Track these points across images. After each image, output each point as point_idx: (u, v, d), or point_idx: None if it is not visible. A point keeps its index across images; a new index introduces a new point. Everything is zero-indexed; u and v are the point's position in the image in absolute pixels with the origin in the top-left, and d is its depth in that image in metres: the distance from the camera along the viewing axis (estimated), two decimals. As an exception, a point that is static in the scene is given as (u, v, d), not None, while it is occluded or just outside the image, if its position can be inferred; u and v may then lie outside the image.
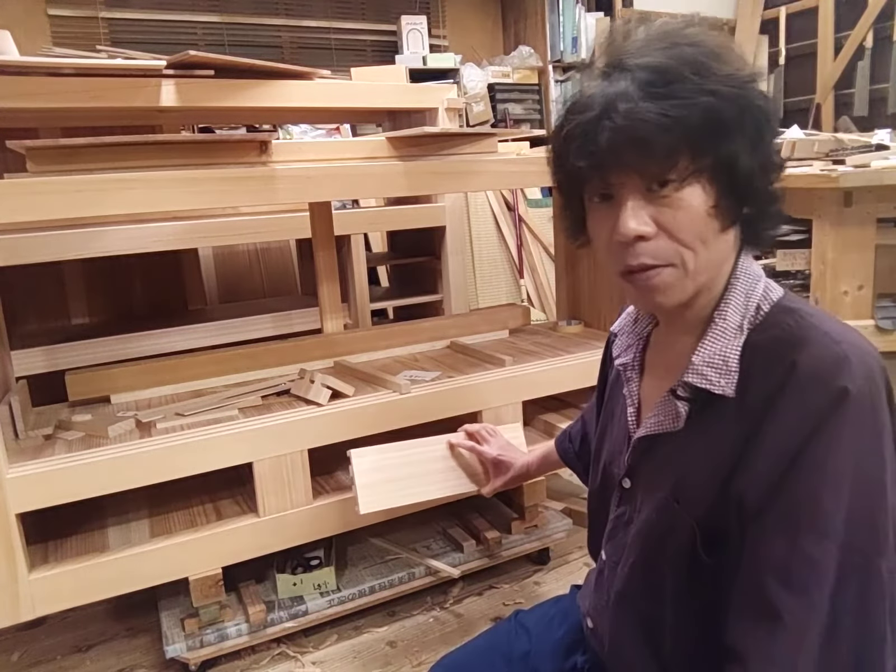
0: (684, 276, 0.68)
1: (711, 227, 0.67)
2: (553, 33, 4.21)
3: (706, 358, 0.70)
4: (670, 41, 0.65)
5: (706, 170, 0.65)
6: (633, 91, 0.63)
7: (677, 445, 0.73)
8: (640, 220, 0.65)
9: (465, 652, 0.97)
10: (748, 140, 0.65)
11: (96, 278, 2.36)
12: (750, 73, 0.65)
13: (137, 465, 1.26)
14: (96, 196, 1.16)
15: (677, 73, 0.62)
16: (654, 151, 0.63)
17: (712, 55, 0.64)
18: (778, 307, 0.70)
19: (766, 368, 0.66)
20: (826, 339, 0.64)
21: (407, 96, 2.12)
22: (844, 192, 1.82)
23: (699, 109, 0.62)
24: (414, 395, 1.48)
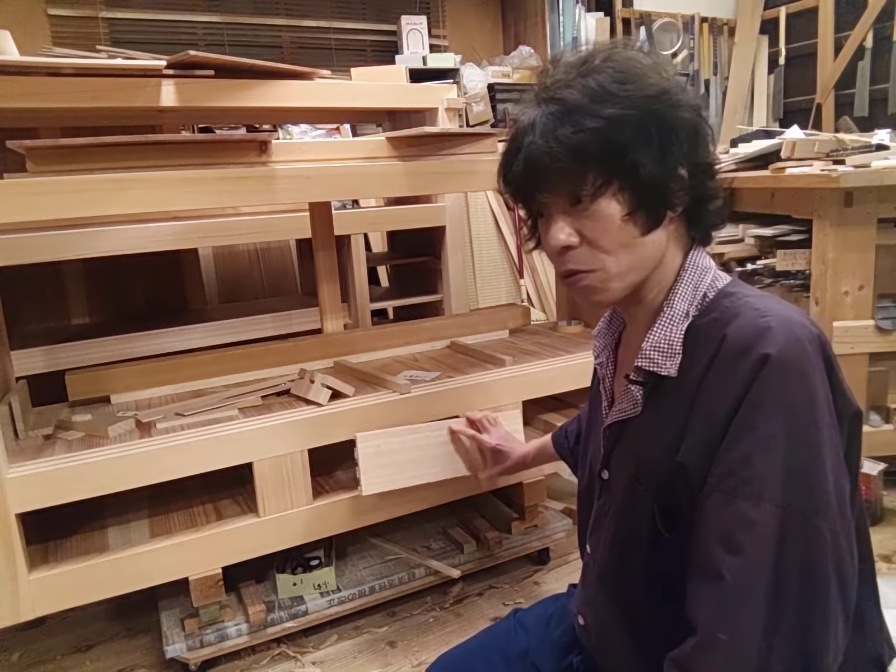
0: (608, 279, 0.74)
1: (630, 232, 0.73)
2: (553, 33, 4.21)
3: (653, 343, 0.75)
4: (585, 68, 0.72)
5: (612, 183, 0.71)
6: (537, 124, 0.71)
7: (638, 429, 0.78)
8: (565, 233, 0.74)
9: (463, 650, 0.98)
10: (653, 151, 0.70)
11: (96, 278, 2.36)
12: (658, 90, 0.71)
13: (137, 465, 1.26)
14: (96, 196, 1.16)
15: (574, 103, 0.70)
16: (557, 177, 0.71)
17: (620, 78, 0.70)
18: (720, 293, 0.75)
19: (702, 347, 0.71)
20: (753, 314, 0.69)
21: (407, 96, 2.12)
22: (845, 192, 1.82)
23: (591, 135, 0.69)
24: (414, 395, 1.48)
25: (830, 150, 2.04)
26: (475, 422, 1.39)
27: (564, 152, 0.70)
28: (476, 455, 1.39)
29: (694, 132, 0.73)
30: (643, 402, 0.77)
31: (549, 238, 0.75)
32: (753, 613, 0.61)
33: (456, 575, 1.56)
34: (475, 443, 1.38)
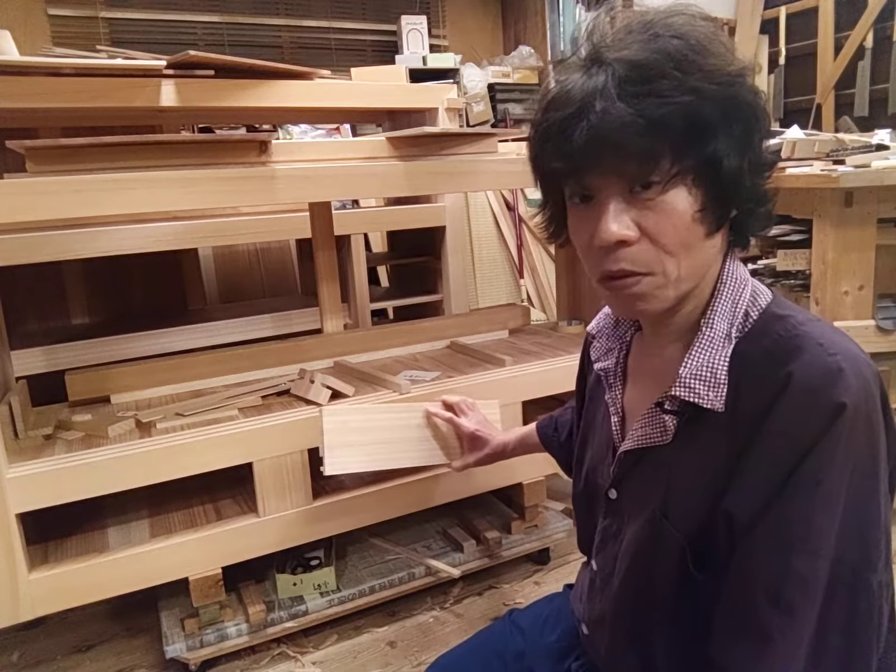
0: (665, 285, 0.65)
1: (696, 232, 0.63)
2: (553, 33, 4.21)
3: (694, 370, 0.66)
4: (652, 32, 0.61)
5: (690, 171, 0.61)
6: (610, 88, 0.59)
7: (665, 460, 0.70)
8: (623, 223, 0.62)
9: (460, 652, 0.97)
10: (735, 140, 0.61)
11: (96, 278, 2.36)
12: (739, 68, 0.62)
13: (137, 465, 1.26)
14: (96, 196, 1.16)
15: (657, 69, 0.59)
16: (632, 154, 0.60)
17: (697, 48, 0.60)
18: (767, 314, 0.67)
19: (758, 381, 0.63)
20: (819, 350, 0.61)
21: (407, 96, 2.12)
22: (845, 192, 1.82)
23: (680, 109, 0.58)
24: (414, 395, 1.48)
25: (830, 150, 2.04)
26: (452, 405, 1.30)
27: (645, 127, 0.58)
28: (453, 441, 1.31)
29: (765, 124, 0.65)
30: (674, 432, 0.69)
31: (599, 229, 0.63)
32: (795, 668, 0.58)
33: (456, 575, 1.56)
34: (452, 427, 1.29)
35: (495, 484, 1.62)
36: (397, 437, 1.30)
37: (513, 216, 3.88)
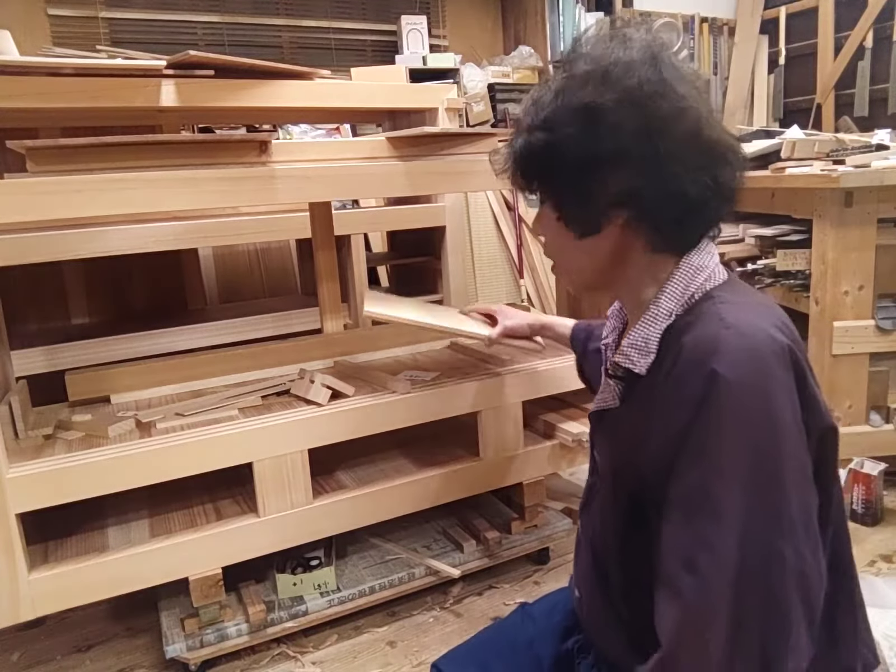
0: (565, 274, 0.83)
1: (562, 236, 0.78)
2: (553, 33, 4.20)
3: (632, 340, 0.75)
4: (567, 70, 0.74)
5: (542, 189, 0.78)
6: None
7: (614, 422, 0.80)
8: (538, 224, 0.82)
9: (472, 643, 0.99)
10: (590, 157, 0.71)
11: (96, 278, 2.36)
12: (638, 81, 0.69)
13: (137, 465, 1.26)
14: (96, 196, 1.16)
15: (524, 121, 0.77)
16: (514, 176, 0.80)
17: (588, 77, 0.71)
18: (705, 295, 0.73)
19: (667, 351, 0.71)
20: (715, 324, 0.66)
21: (407, 96, 2.12)
22: (845, 192, 1.82)
23: (537, 139, 0.74)
24: (414, 395, 1.48)
25: (830, 150, 2.04)
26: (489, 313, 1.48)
27: (516, 159, 0.77)
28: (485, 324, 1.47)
29: (690, 129, 0.70)
30: (621, 397, 0.78)
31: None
32: (714, 634, 0.60)
33: (456, 575, 1.56)
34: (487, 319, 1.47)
35: (495, 484, 1.62)
36: (432, 311, 1.52)
37: (513, 216, 3.88)
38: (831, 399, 1.93)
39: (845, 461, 1.90)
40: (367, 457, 1.67)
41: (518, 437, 1.60)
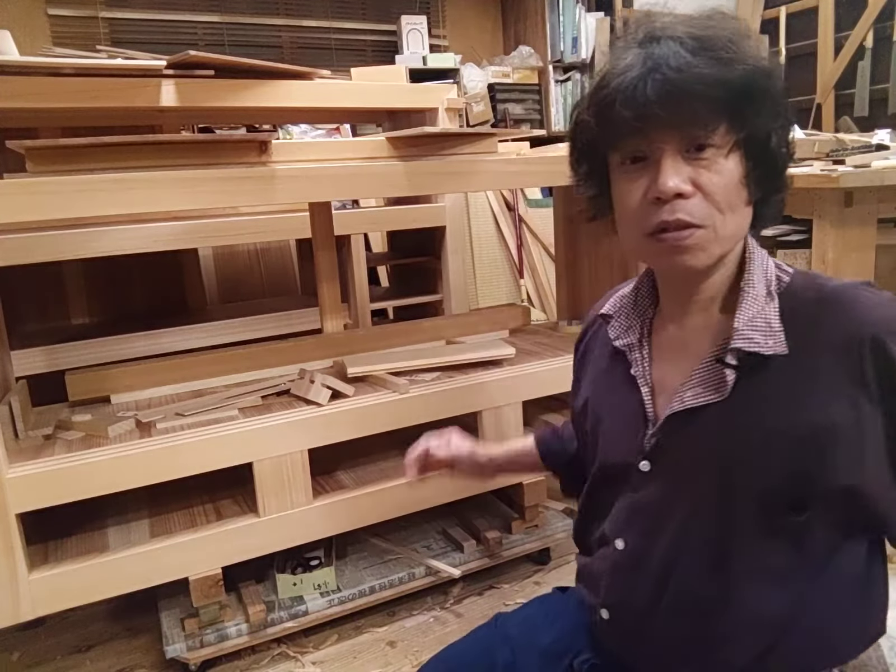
0: (714, 240, 0.70)
1: (741, 195, 0.70)
2: (553, 33, 4.20)
3: (747, 321, 0.70)
4: (702, 22, 0.69)
5: (742, 139, 0.68)
6: (682, 51, 0.65)
7: (721, 415, 0.71)
8: (681, 177, 0.67)
9: (447, 663, 0.90)
10: (778, 119, 0.69)
11: (96, 278, 2.36)
12: (774, 60, 0.70)
13: (137, 465, 1.26)
14: (96, 196, 1.16)
15: (718, 41, 0.66)
16: (701, 109, 0.66)
17: (742, 36, 0.68)
18: (796, 275, 0.74)
19: (816, 323, 0.69)
20: (869, 295, 0.69)
21: (407, 96, 2.12)
22: (845, 192, 1.82)
23: (742, 75, 0.65)
24: (414, 394, 1.48)
25: (830, 150, 2.04)
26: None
27: (715, 85, 0.65)
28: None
29: (791, 118, 0.72)
30: (733, 386, 0.71)
31: (658, 182, 0.68)
32: None
33: (456, 575, 1.56)
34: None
35: (495, 484, 1.62)
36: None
37: (513, 216, 3.88)
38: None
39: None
40: (367, 457, 1.67)
41: (518, 437, 1.60)
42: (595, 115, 0.72)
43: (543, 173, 1.57)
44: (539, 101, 4.26)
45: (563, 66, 4.25)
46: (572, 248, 2.01)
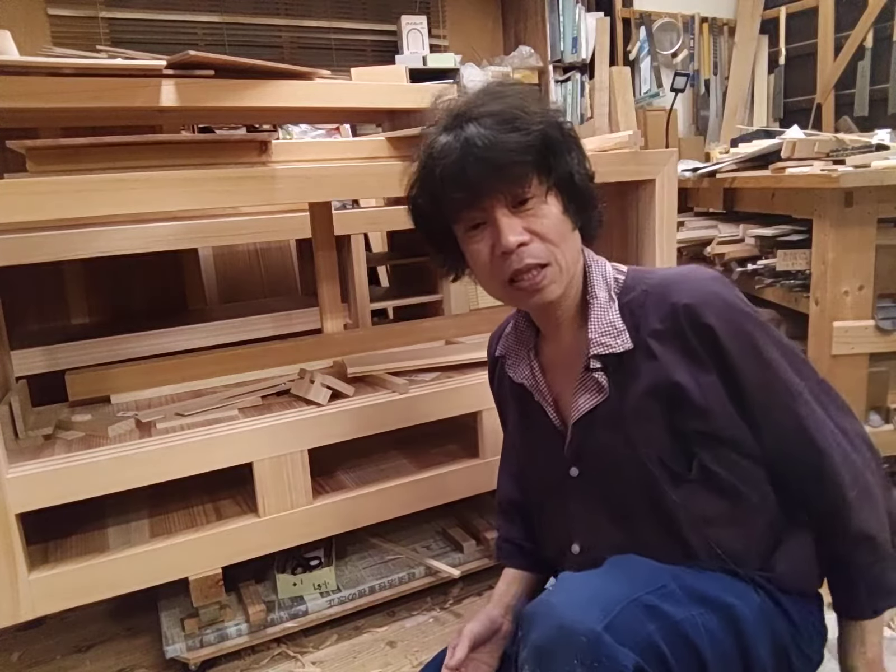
0: (560, 271, 0.84)
1: (567, 226, 0.84)
2: (553, 33, 4.20)
3: (598, 330, 0.86)
4: (494, 96, 0.82)
5: (552, 183, 0.82)
6: (484, 131, 0.78)
7: (610, 409, 0.86)
8: (516, 231, 0.81)
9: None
10: (574, 156, 0.84)
11: (96, 278, 2.36)
12: (556, 109, 0.86)
13: (137, 465, 1.26)
14: (96, 196, 1.16)
15: (511, 113, 0.80)
16: (513, 174, 0.79)
17: (529, 100, 0.83)
18: (629, 275, 0.90)
19: (647, 313, 0.85)
20: (682, 282, 0.85)
21: (407, 96, 2.12)
22: (845, 192, 1.82)
23: (537, 136, 0.80)
24: (414, 394, 1.48)
25: (830, 150, 2.04)
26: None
27: (517, 152, 0.78)
28: None
29: (581, 147, 0.87)
30: (609, 384, 0.85)
31: (500, 240, 0.81)
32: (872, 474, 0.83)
33: (456, 575, 1.56)
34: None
35: (495, 484, 1.61)
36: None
37: (513, 216, 3.88)
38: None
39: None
40: (367, 457, 1.67)
41: (518, 437, 1.60)
42: (430, 200, 0.85)
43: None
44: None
45: (563, 66, 4.25)
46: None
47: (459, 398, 1.52)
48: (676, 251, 1.66)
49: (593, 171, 0.89)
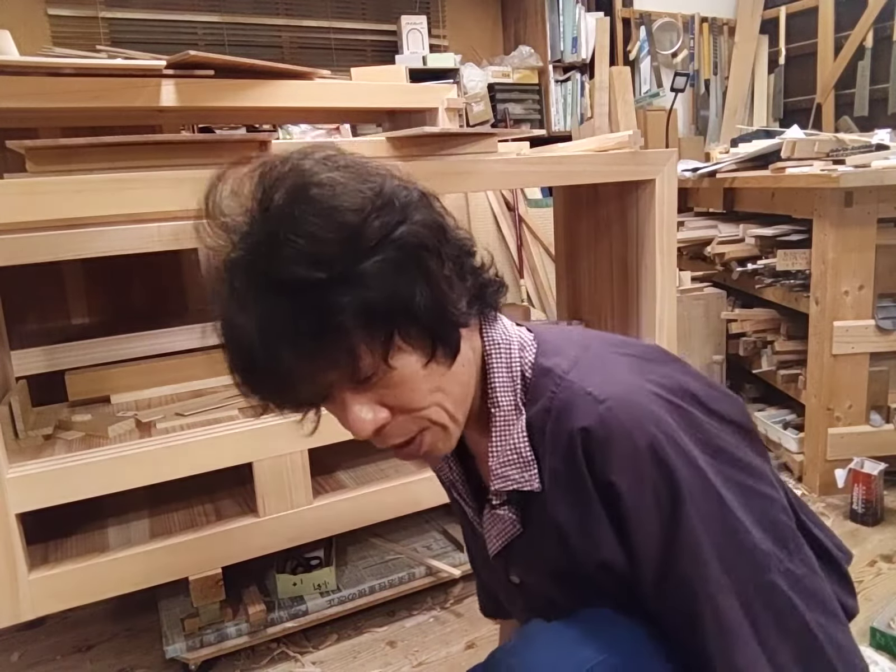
0: (445, 426, 0.64)
1: (439, 372, 0.61)
2: (553, 33, 4.20)
3: (501, 459, 0.68)
4: (274, 225, 0.55)
5: (393, 344, 0.57)
6: (263, 328, 0.56)
7: (529, 543, 0.72)
8: (370, 413, 0.60)
9: None
10: (417, 282, 0.57)
11: (96, 278, 2.36)
12: (373, 195, 0.58)
13: (137, 465, 1.26)
14: (96, 196, 1.16)
15: (297, 276, 0.53)
16: (326, 367, 0.57)
17: (328, 226, 0.54)
18: (537, 369, 0.67)
19: (552, 447, 0.64)
20: (589, 401, 0.62)
21: (407, 96, 2.12)
22: (845, 192, 1.82)
23: (340, 312, 0.54)
24: (414, 395, 1.48)
25: (830, 150, 2.04)
26: None
27: (323, 347, 0.55)
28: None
29: (432, 218, 0.62)
30: (521, 520, 0.70)
31: (353, 427, 0.61)
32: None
33: (456, 574, 1.56)
34: None
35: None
36: None
37: (513, 216, 3.88)
38: (832, 399, 1.94)
39: (845, 461, 1.90)
40: (367, 457, 1.67)
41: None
42: (249, 393, 0.63)
43: (543, 173, 1.57)
44: (539, 101, 4.26)
45: (563, 66, 4.25)
46: (572, 249, 2.01)
47: (459, 398, 1.52)
48: (676, 251, 1.66)
49: (463, 241, 0.64)
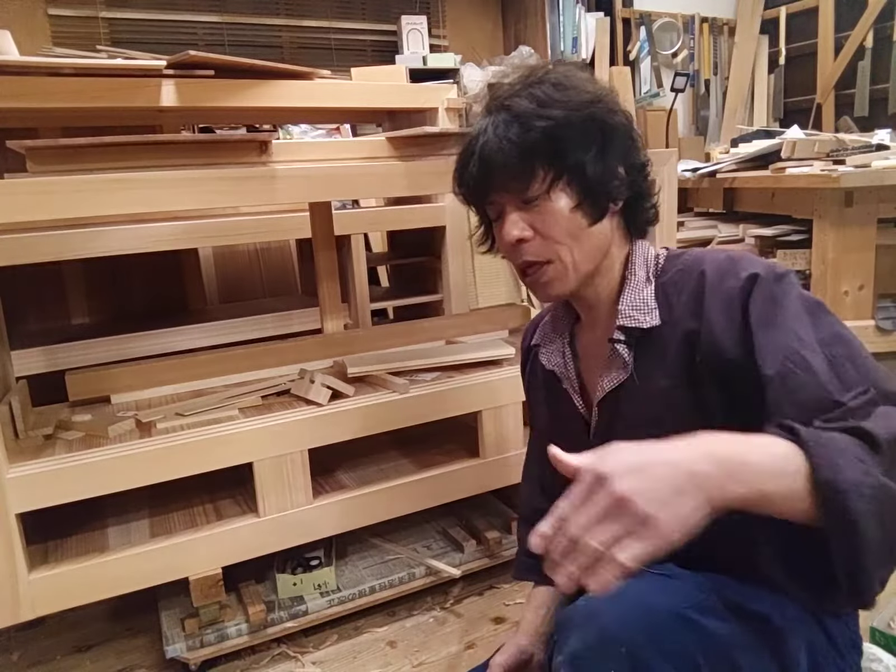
0: (566, 269, 0.83)
1: (579, 223, 0.82)
2: (553, 33, 4.20)
3: (629, 304, 0.85)
4: (530, 83, 0.83)
5: (560, 178, 0.80)
6: (489, 129, 0.82)
7: (635, 387, 0.84)
8: (518, 227, 0.82)
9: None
10: (594, 148, 0.80)
11: (96, 278, 2.36)
12: (594, 96, 0.82)
13: (137, 465, 1.26)
14: (96, 196, 1.16)
15: (523, 109, 0.80)
16: (511, 173, 0.80)
17: (557, 86, 0.81)
18: (668, 256, 0.88)
19: (680, 290, 0.82)
20: (716, 254, 0.83)
21: (407, 96, 2.12)
22: (845, 192, 1.82)
23: (538, 133, 0.79)
24: (414, 394, 1.48)
25: (830, 150, 2.04)
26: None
27: (516, 151, 0.79)
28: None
29: (628, 134, 0.84)
30: (633, 359, 0.84)
31: (503, 233, 0.83)
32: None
33: (456, 575, 1.56)
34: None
35: (495, 484, 1.62)
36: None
37: (513, 216, 3.88)
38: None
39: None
40: (367, 457, 1.67)
41: (518, 437, 1.60)
42: (458, 182, 0.90)
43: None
44: (539, 101, 4.26)
45: (563, 66, 4.25)
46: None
47: (459, 398, 1.52)
48: (676, 251, 1.66)
49: (643, 161, 0.86)
